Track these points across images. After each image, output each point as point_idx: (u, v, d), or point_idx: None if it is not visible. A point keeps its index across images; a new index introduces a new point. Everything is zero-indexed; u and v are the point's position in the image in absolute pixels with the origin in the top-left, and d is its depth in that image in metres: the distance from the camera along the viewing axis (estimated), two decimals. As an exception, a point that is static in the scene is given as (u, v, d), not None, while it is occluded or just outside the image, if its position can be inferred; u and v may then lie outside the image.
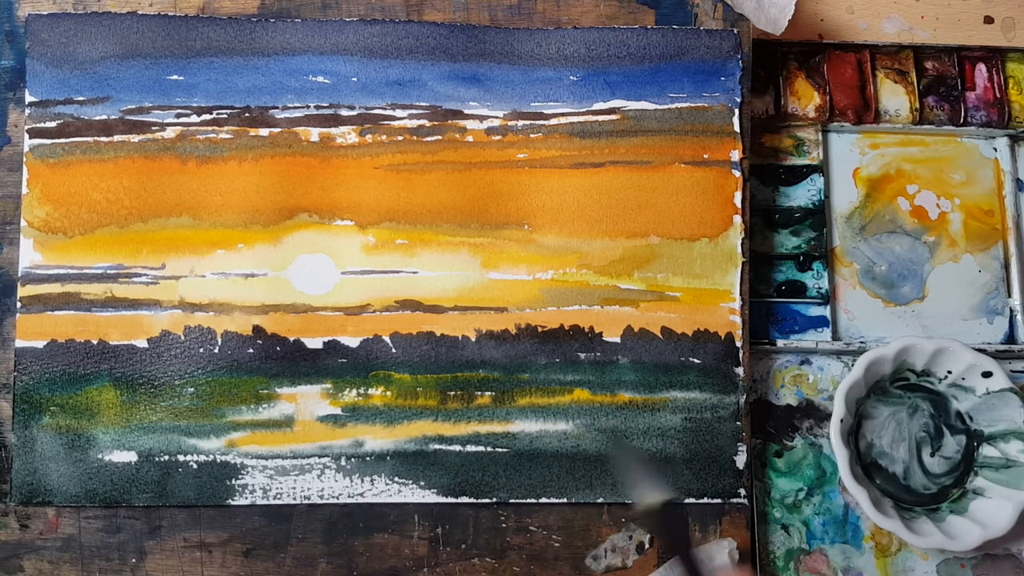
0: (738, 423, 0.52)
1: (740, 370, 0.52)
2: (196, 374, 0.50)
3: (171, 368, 0.51)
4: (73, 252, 0.51)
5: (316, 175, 0.52)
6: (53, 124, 0.52)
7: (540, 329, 0.52)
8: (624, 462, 0.49)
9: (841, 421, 0.51)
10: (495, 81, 0.53)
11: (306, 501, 0.50)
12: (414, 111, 0.53)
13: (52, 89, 0.52)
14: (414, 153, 0.52)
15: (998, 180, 0.58)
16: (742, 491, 0.51)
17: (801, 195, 0.57)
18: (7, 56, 0.53)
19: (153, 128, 0.52)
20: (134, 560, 0.50)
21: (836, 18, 0.59)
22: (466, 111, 0.53)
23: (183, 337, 0.51)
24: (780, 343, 0.55)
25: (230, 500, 0.50)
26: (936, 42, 0.59)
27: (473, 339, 0.51)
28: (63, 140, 0.51)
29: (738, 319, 0.52)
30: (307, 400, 0.51)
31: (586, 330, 0.52)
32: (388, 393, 0.51)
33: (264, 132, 0.52)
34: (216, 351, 0.51)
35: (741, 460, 0.51)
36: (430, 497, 0.51)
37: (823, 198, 0.57)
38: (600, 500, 0.51)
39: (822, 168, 0.57)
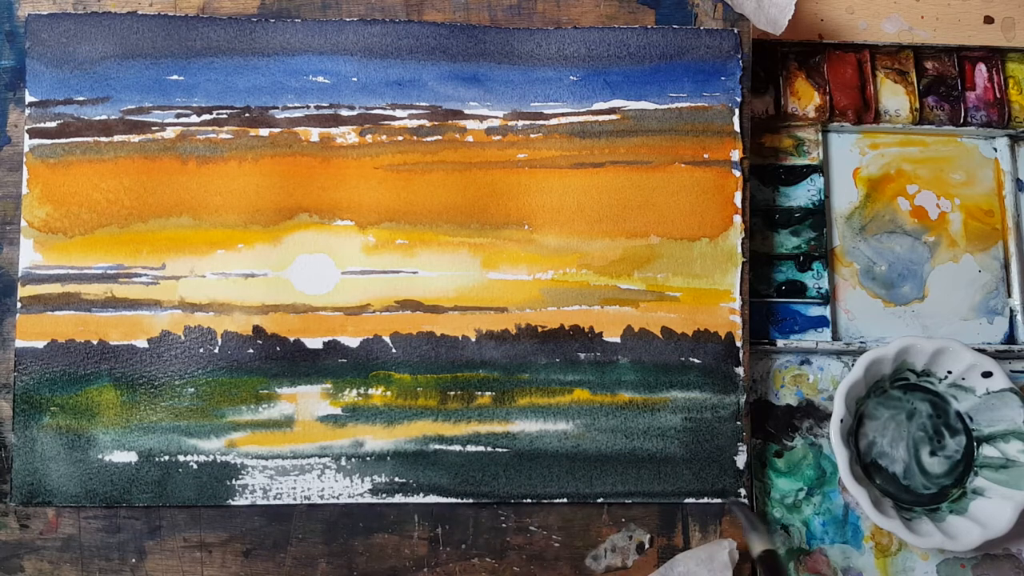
0: (738, 423, 0.52)
1: (740, 370, 0.52)
2: (196, 374, 0.50)
3: (171, 368, 0.51)
4: (73, 252, 0.51)
5: (316, 175, 0.52)
6: (53, 124, 0.52)
7: (540, 329, 0.52)
8: (743, 517, 0.50)
9: (841, 421, 0.51)
10: (495, 81, 0.53)
11: (306, 501, 0.50)
12: (414, 111, 0.53)
13: (52, 89, 0.52)
14: (414, 153, 0.52)
15: (998, 180, 0.58)
16: (742, 491, 0.51)
17: (801, 195, 0.57)
18: (7, 56, 0.53)
19: (153, 128, 0.52)
20: (134, 560, 0.50)
21: (836, 18, 0.59)
22: (466, 111, 0.53)
23: (183, 337, 0.51)
24: (780, 343, 0.55)
25: (230, 500, 0.50)
26: (936, 42, 0.59)
27: (473, 339, 0.52)
28: (63, 140, 0.51)
29: (738, 319, 0.52)
30: (307, 400, 0.51)
31: (586, 330, 0.52)
32: (388, 393, 0.51)
33: (264, 132, 0.52)
34: (216, 351, 0.51)
35: (741, 460, 0.51)
36: (430, 497, 0.51)
37: (823, 198, 0.57)
38: (600, 500, 0.51)
39: (822, 168, 0.57)
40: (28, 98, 0.52)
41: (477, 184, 0.52)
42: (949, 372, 0.53)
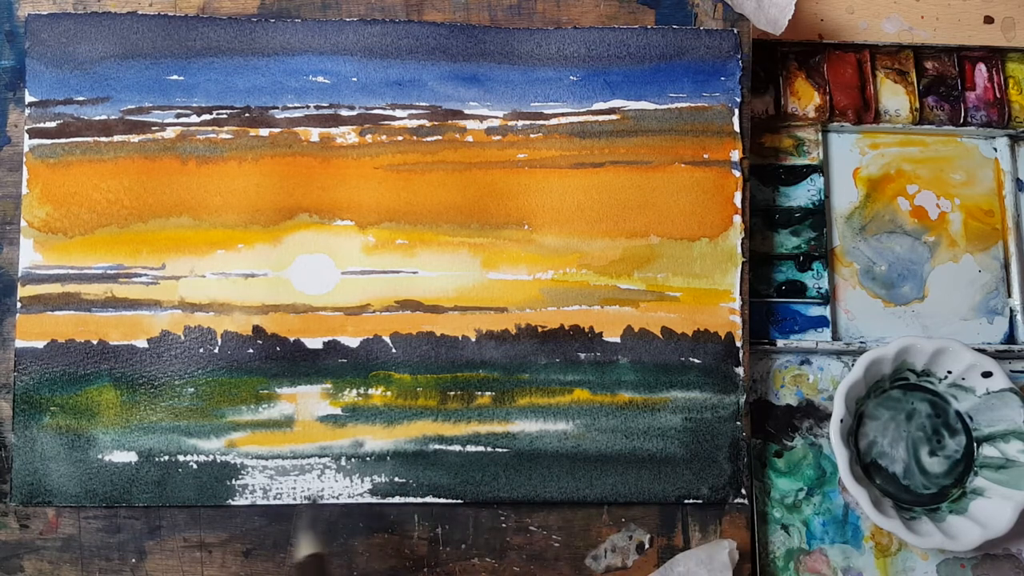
0: (738, 423, 0.52)
1: (740, 370, 0.52)
2: (196, 374, 0.50)
3: (171, 368, 0.51)
4: (73, 252, 0.51)
5: (316, 175, 0.52)
6: (53, 124, 0.52)
7: (540, 329, 0.52)
8: None
9: (841, 421, 0.51)
10: (495, 81, 0.53)
11: (306, 501, 0.50)
12: (414, 111, 0.53)
13: (52, 89, 0.52)
14: (414, 153, 0.52)
15: (998, 180, 0.58)
16: (742, 491, 0.51)
17: (801, 195, 0.57)
18: (7, 56, 0.53)
19: (153, 128, 0.52)
20: (134, 560, 0.50)
21: (836, 18, 0.59)
22: (466, 111, 0.53)
23: (183, 337, 0.51)
24: (780, 343, 0.55)
25: (230, 500, 0.50)
26: (936, 42, 0.59)
27: (473, 339, 0.52)
28: (63, 140, 0.51)
29: (738, 319, 0.52)
30: (307, 400, 0.51)
31: (586, 330, 0.52)
32: (388, 393, 0.51)
33: (264, 132, 0.52)
34: (216, 351, 0.51)
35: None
36: (430, 497, 0.50)
37: (823, 198, 0.57)
38: (600, 500, 0.51)
39: (822, 168, 0.57)
40: (28, 98, 0.52)
41: (477, 184, 0.52)
42: (949, 372, 0.53)
